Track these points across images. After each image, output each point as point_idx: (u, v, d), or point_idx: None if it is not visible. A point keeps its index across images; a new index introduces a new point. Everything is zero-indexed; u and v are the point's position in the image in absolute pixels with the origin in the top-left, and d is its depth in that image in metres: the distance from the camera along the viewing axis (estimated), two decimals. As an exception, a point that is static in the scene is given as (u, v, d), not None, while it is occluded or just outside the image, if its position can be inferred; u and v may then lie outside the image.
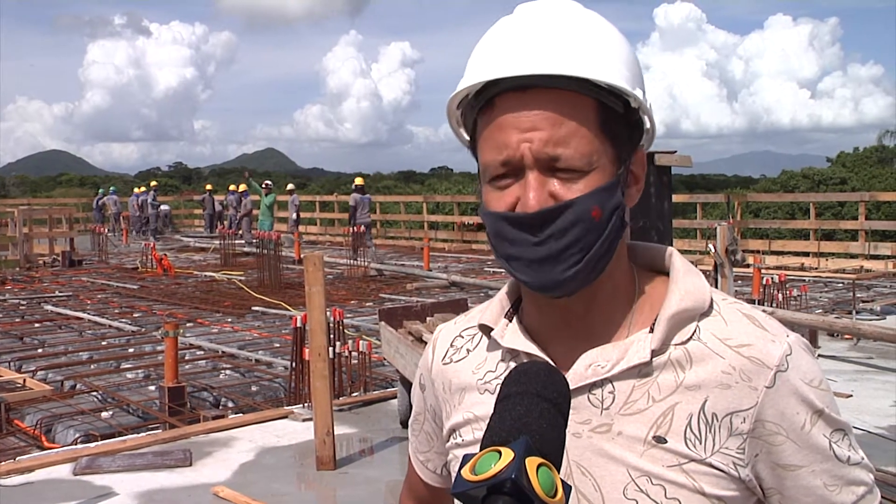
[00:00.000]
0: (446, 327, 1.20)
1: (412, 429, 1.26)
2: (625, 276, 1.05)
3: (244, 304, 13.24)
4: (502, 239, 0.99)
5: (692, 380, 0.99)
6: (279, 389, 7.94)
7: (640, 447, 0.98)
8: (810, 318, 8.80)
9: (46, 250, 21.58)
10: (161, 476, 5.46)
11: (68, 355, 9.67)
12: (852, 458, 1.00)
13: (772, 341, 0.99)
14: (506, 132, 0.97)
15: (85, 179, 76.31)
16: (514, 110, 0.96)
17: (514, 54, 0.97)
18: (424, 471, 1.25)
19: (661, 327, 1.01)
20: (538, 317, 1.07)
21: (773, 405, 0.97)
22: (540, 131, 0.95)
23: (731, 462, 0.97)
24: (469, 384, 1.11)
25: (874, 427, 6.15)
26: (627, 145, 1.01)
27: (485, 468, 0.75)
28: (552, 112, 0.96)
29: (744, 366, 0.98)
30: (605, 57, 0.98)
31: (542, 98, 0.96)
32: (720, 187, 52.47)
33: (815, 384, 0.99)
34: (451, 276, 15.70)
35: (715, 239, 7.03)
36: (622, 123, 1.00)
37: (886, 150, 41.29)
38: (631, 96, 0.99)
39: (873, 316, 11.35)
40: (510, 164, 0.97)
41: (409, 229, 28.61)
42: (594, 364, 1.01)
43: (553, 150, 0.95)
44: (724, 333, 1.00)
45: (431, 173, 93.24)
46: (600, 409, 1.00)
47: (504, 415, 0.82)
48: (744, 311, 1.03)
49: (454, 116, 1.07)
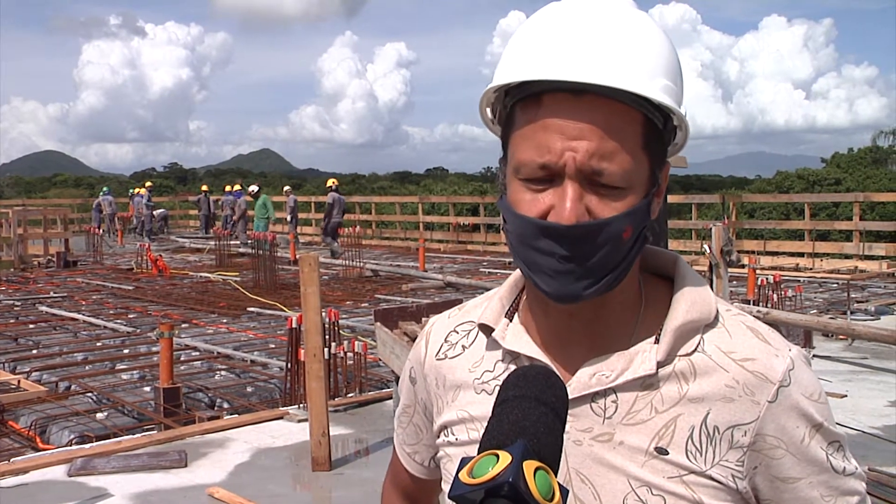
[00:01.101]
0: (439, 320, 1.19)
1: (399, 421, 1.25)
2: (633, 285, 1.05)
3: (239, 304, 13.23)
4: (529, 245, 0.97)
5: (696, 392, 0.99)
6: (274, 390, 7.94)
7: (641, 457, 0.98)
8: (805, 318, 8.82)
9: (41, 251, 21.54)
10: (156, 477, 5.45)
11: (63, 356, 9.65)
12: (847, 468, 1.01)
13: (775, 356, 1.00)
14: (550, 135, 0.93)
15: (80, 180, 76.22)
16: (562, 114, 0.93)
17: (571, 55, 0.93)
18: (411, 463, 1.25)
19: (666, 338, 1.00)
20: (543, 320, 1.06)
21: (775, 419, 0.98)
22: (587, 142, 0.92)
23: (730, 474, 0.98)
24: (465, 382, 1.10)
25: (869, 427, 6.17)
26: (661, 161, 1.00)
27: (482, 471, 0.75)
28: (602, 123, 0.93)
29: (747, 380, 0.98)
30: (660, 71, 0.96)
31: (594, 106, 0.93)
32: (715, 188, 52.57)
33: (815, 398, 1.00)
34: (447, 277, 15.70)
35: (710, 239, 7.05)
36: (660, 140, 0.99)
37: (881, 151, 41.41)
38: (677, 115, 0.98)
39: (868, 316, 11.38)
40: (550, 169, 0.94)
41: (404, 230, 28.60)
42: (598, 373, 1.01)
43: (598, 163, 0.93)
44: (729, 346, 1.00)
45: (427, 174, 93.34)
46: (602, 418, 1.00)
47: (502, 418, 0.82)
48: (748, 323, 1.03)
49: (486, 97, 1.03)
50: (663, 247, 6.46)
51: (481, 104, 1.05)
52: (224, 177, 75.55)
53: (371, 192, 51.59)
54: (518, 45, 0.99)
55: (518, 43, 0.99)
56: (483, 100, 1.04)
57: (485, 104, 1.05)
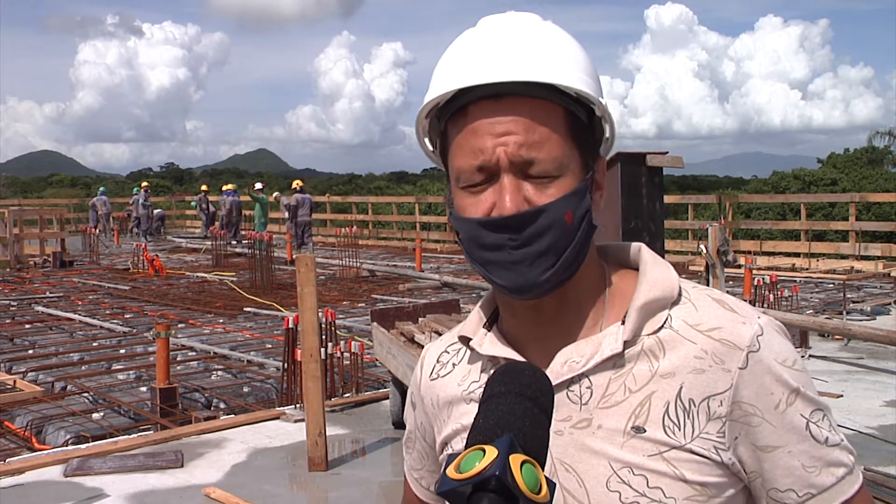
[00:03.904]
0: (433, 345, 1.22)
1: (406, 446, 1.27)
2: (594, 275, 1.07)
3: (236, 304, 13.22)
4: (479, 245, 1.01)
5: (666, 367, 1.00)
6: (271, 390, 7.94)
7: (620, 439, 0.99)
8: (801, 318, 8.84)
9: (37, 251, 21.51)
10: (152, 477, 5.45)
11: (59, 356, 9.64)
12: (831, 438, 1.00)
13: (742, 323, 1.00)
14: (481, 137, 0.99)
15: (76, 180, 76.06)
16: (488, 116, 0.99)
17: (488, 63, 0.99)
18: (419, 487, 1.27)
19: (631, 318, 1.02)
20: (514, 321, 1.09)
21: (748, 386, 0.98)
22: (514, 135, 0.98)
23: (713, 446, 0.98)
24: (455, 396, 1.12)
25: (865, 427, 6.18)
26: (592, 152, 1.05)
27: (469, 466, 0.76)
28: (525, 118, 0.98)
29: (715, 349, 0.99)
30: (572, 66, 1.01)
31: (516, 105, 0.99)
32: (711, 188, 52.61)
33: (789, 364, 1.00)
34: (444, 277, 15.70)
35: (706, 240, 7.06)
36: (587, 131, 1.03)
37: (877, 152, 41.46)
38: (596, 104, 1.03)
39: (864, 316, 11.41)
40: (485, 168, 0.99)
41: (401, 230, 28.60)
42: (569, 360, 1.03)
43: (528, 153, 0.98)
44: (695, 319, 1.02)
45: (423, 174, 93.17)
46: (579, 405, 1.02)
47: (488, 414, 0.83)
48: (713, 296, 1.05)
49: (421, 126, 1.09)
50: (660, 247, 6.44)
51: (418, 134, 1.10)
52: (221, 177, 75.50)
53: (368, 192, 51.56)
54: (440, 66, 1.06)
55: (440, 65, 1.06)
56: (418, 128, 1.09)
57: (422, 135, 1.10)
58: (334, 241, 20.36)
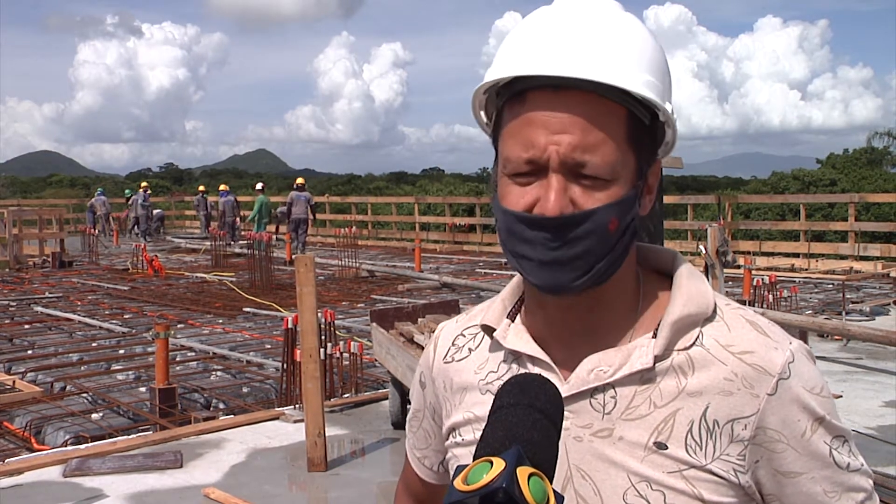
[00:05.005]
0: (448, 325, 1.20)
1: (410, 425, 1.26)
2: (630, 280, 1.05)
3: (235, 305, 13.22)
4: (517, 237, 0.98)
5: (694, 386, 0.98)
6: (270, 391, 7.93)
7: (640, 452, 0.98)
8: (800, 318, 8.83)
9: (36, 251, 21.50)
10: (152, 478, 5.44)
11: (58, 357, 9.63)
12: (852, 464, 1.00)
13: (774, 348, 0.99)
14: (534, 130, 0.95)
15: (75, 180, 76.07)
16: (545, 109, 0.95)
17: (552, 52, 0.95)
18: (421, 467, 1.25)
19: (664, 333, 1.00)
20: (542, 317, 1.06)
21: (775, 412, 0.97)
22: (570, 135, 0.94)
23: (732, 468, 0.97)
24: (471, 384, 1.11)
25: (864, 427, 6.19)
26: (649, 156, 1.01)
27: (477, 478, 0.76)
28: (584, 117, 0.94)
29: (746, 373, 0.98)
30: (643, 67, 0.97)
31: (576, 101, 0.95)
32: (711, 188, 52.66)
33: (817, 391, 0.99)
34: (443, 278, 15.70)
35: (706, 240, 7.05)
36: (647, 133, 1.00)
37: (876, 152, 41.50)
38: (661, 110, 0.99)
39: (863, 317, 11.42)
40: (535, 163, 0.95)
41: (400, 230, 28.58)
42: (597, 369, 1.01)
43: (581, 156, 0.94)
44: (727, 339, 1.00)
45: (423, 174, 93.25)
46: (602, 414, 1.00)
47: (496, 425, 0.82)
48: (747, 317, 1.03)
49: (479, 100, 1.05)
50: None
51: (474, 106, 1.07)
52: (220, 177, 75.47)
53: (367, 192, 51.56)
54: (506, 45, 1.01)
55: (506, 44, 1.02)
56: (475, 102, 1.06)
57: (477, 107, 1.07)
58: (333, 242, 20.35)
